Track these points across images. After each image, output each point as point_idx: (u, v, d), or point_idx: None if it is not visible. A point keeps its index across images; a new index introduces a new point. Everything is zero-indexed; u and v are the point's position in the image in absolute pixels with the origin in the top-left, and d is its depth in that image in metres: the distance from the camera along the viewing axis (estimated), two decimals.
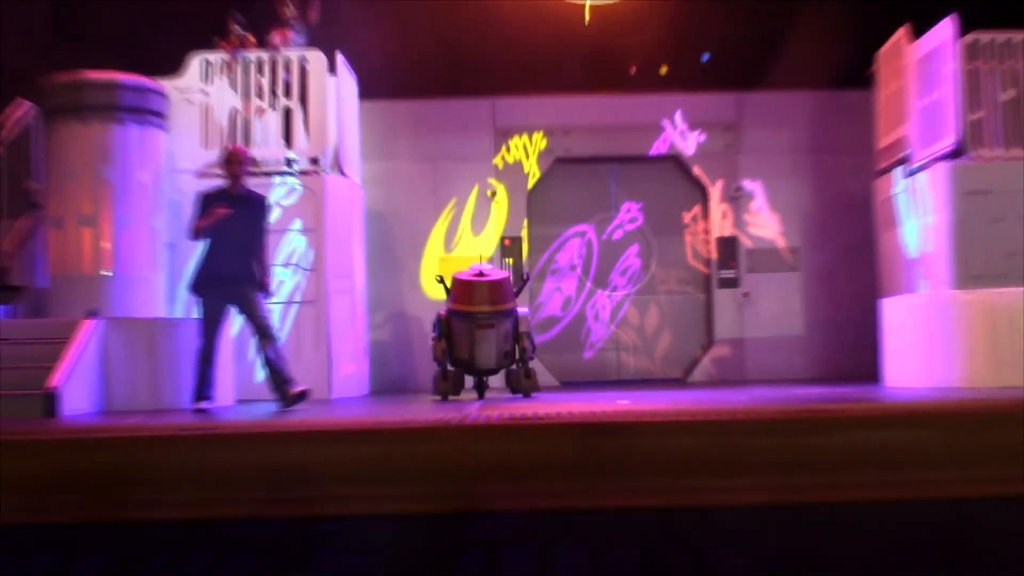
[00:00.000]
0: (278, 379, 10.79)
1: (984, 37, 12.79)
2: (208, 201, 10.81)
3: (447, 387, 12.44)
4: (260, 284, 10.97)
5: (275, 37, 13.95)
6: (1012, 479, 5.92)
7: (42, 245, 12.55)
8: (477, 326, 12.42)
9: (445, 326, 12.59)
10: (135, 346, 11.22)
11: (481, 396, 12.67)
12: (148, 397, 11.14)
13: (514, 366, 12.63)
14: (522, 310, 12.87)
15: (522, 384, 12.49)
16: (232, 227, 10.67)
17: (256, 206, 11.16)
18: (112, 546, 5.95)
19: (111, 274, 12.25)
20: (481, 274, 12.63)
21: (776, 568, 5.95)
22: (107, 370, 11.07)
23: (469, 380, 12.90)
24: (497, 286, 12.51)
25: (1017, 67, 12.82)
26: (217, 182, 11.47)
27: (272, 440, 6.60)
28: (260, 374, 13.00)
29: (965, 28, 12.74)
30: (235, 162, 11.01)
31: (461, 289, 12.53)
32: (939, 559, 5.90)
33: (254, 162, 11.55)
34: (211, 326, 10.72)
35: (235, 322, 12.93)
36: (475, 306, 12.37)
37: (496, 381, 13.17)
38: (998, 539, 5.93)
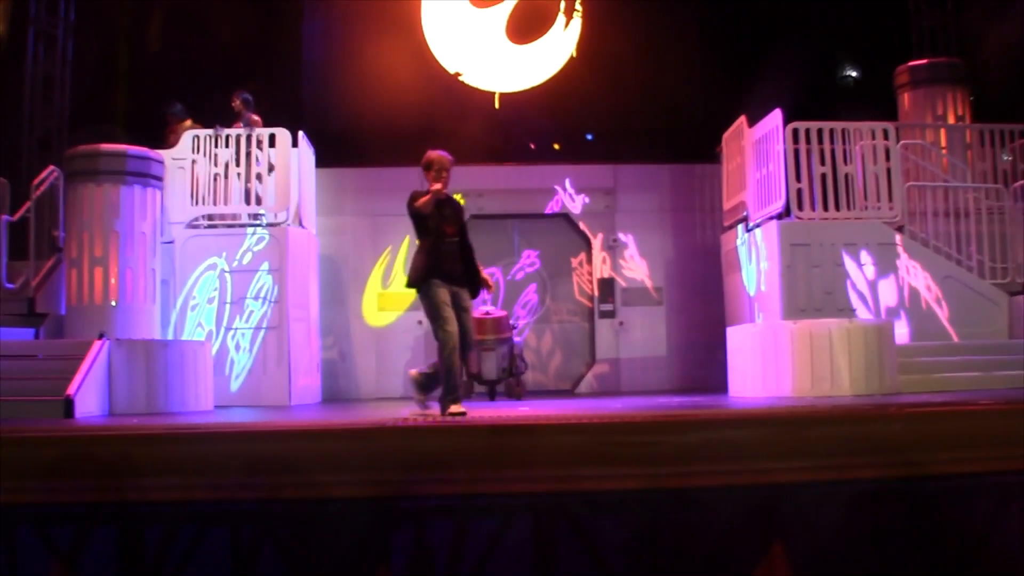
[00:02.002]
0: (448, 385, 9.12)
1: (803, 125, 12.96)
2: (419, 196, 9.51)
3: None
4: (476, 286, 9.63)
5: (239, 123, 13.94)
6: (823, 467, 6.05)
7: (62, 280, 12.46)
8: (483, 349, 13.38)
9: None
10: (135, 362, 11.08)
11: (492, 398, 13.77)
12: (145, 403, 11.00)
13: (510, 378, 13.75)
14: (517, 339, 13.97)
15: (513, 391, 13.68)
16: (448, 228, 9.49)
17: (459, 209, 9.84)
18: (116, 521, 5.93)
19: (116, 304, 12.14)
20: (487, 313, 13.68)
21: (643, 538, 6.03)
22: (112, 381, 10.94)
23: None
24: (496, 321, 13.67)
25: (828, 148, 13.03)
26: None
27: (244, 438, 6.57)
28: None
29: (789, 118, 12.94)
30: (444, 168, 9.75)
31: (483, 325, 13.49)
32: (763, 528, 6.01)
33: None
34: (447, 315, 9.17)
35: (211, 334, 12.93)
36: (481, 335, 12.94)
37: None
38: (811, 514, 6.05)
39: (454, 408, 8.97)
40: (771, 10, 16.60)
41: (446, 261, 9.38)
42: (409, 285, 9.58)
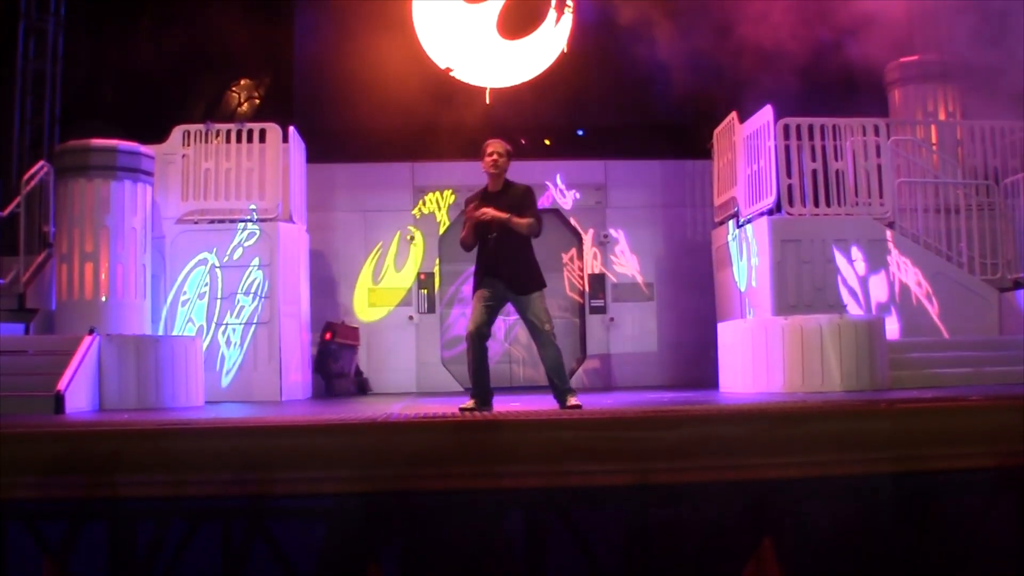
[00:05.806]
0: (555, 383, 8.83)
1: (794, 121, 13.01)
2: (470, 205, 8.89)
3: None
4: (534, 281, 9.01)
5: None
6: (814, 463, 6.05)
7: (53, 276, 12.45)
8: (344, 349, 15.68)
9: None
10: (125, 357, 11.06)
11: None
12: (135, 398, 10.99)
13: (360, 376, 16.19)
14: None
15: (364, 387, 16.26)
16: (498, 224, 8.71)
17: (518, 198, 8.83)
18: (107, 517, 5.92)
19: (107, 300, 12.13)
20: (344, 322, 15.95)
21: (633, 533, 6.04)
22: (103, 377, 10.92)
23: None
24: (350, 329, 15.94)
25: (818, 144, 13.06)
26: None
27: (235, 433, 6.53)
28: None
29: (779, 114, 12.96)
30: (483, 152, 8.87)
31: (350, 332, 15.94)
32: (753, 524, 6.02)
33: (511, 154, 8.94)
34: (472, 312, 8.83)
35: (202, 329, 12.91)
36: (345, 339, 15.62)
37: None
38: (801, 509, 6.06)
39: (465, 404, 8.73)
40: (763, 5, 16.62)
41: (486, 259, 8.87)
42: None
